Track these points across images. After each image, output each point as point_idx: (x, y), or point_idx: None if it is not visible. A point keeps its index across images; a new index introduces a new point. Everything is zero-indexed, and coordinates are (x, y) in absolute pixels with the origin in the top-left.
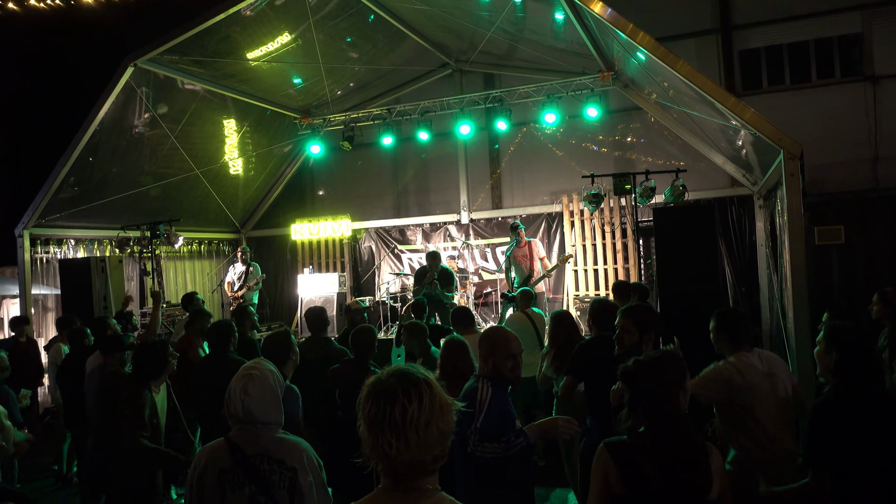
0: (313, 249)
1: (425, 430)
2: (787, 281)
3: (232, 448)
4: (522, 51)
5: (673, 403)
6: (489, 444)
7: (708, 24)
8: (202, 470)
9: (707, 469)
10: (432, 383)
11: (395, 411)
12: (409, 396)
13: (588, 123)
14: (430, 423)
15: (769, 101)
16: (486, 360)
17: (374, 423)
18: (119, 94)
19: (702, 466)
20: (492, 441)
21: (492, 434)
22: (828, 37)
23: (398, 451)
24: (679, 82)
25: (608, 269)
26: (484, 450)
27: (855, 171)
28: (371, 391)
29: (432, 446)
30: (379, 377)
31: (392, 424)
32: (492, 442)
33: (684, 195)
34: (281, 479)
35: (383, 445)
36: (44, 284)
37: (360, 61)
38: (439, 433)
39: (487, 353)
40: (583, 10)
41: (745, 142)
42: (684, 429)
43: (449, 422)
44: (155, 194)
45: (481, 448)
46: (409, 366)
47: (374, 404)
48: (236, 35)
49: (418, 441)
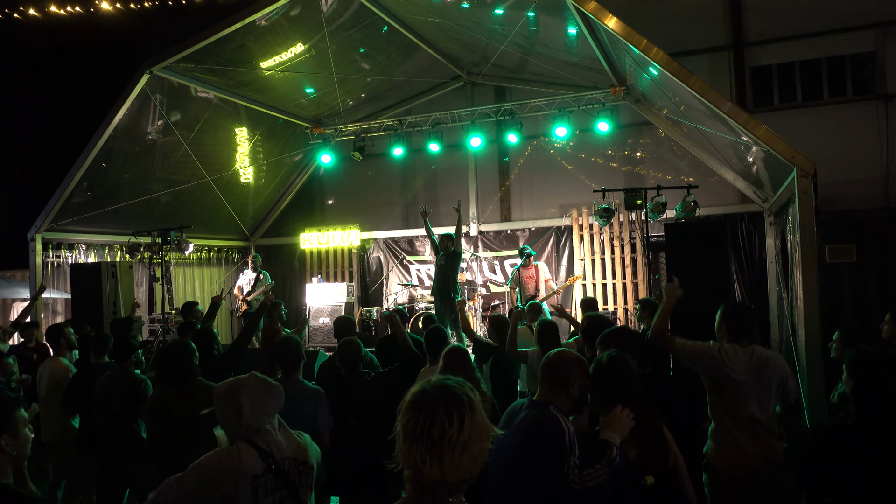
0: (322, 259)
1: (461, 453)
2: (797, 299)
3: (262, 454)
4: (534, 64)
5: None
6: (592, 470)
7: (720, 41)
8: (232, 476)
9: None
10: (476, 405)
11: (433, 429)
12: (451, 416)
13: (598, 138)
14: (466, 446)
15: (780, 119)
16: (572, 387)
17: (410, 435)
18: (134, 101)
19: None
20: (591, 465)
21: (588, 459)
22: (840, 55)
23: (429, 469)
24: (691, 98)
25: (616, 284)
26: (594, 477)
27: (867, 190)
28: (413, 402)
29: (463, 470)
30: (424, 388)
31: (429, 441)
32: (592, 465)
33: (695, 211)
34: (306, 479)
35: (415, 457)
36: (54, 289)
37: (372, 72)
38: (472, 459)
39: (577, 378)
40: (596, 25)
41: (755, 158)
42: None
43: (484, 449)
44: (166, 201)
45: (590, 477)
46: (456, 381)
47: (413, 416)
48: (251, 44)
49: (452, 463)
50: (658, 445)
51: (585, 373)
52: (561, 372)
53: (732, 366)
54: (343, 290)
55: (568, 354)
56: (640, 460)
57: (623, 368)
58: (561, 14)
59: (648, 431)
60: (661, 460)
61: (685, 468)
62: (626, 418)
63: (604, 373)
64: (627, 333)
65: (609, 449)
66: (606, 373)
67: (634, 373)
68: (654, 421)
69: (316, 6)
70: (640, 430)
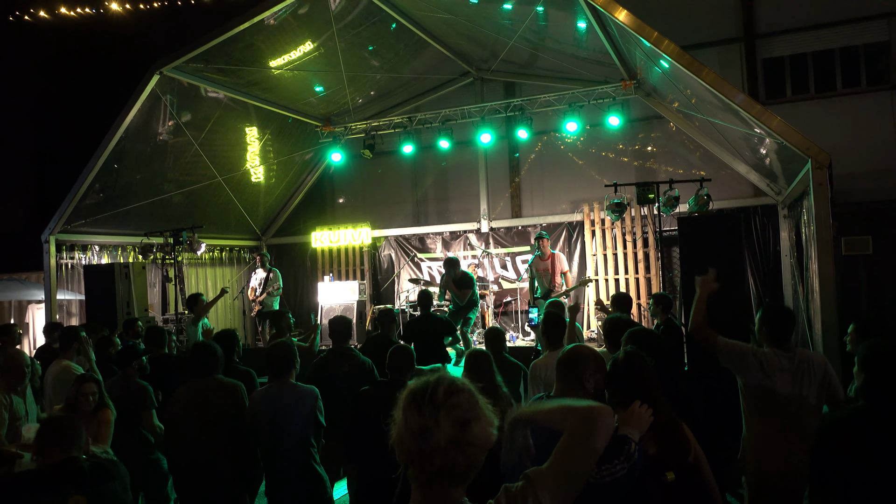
0: (333, 257)
1: (462, 428)
2: (813, 292)
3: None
4: (544, 59)
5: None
6: (609, 465)
7: (732, 33)
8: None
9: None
10: (474, 391)
11: (437, 392)
12: (455, 386)
13: (608, 132)
14: (469, 421)
15: (793, 110)
16: (587, 381)
17: (411, 403)
18: (144, 102)
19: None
20: (609, 460)
21: (605, 454)
22: (853, 45)
23: (432, 438)
24: (703, 90)
25: (629, 279)
26: (612, 472)
27: (881, 181)
28: (412, 390)
29: (464, 446)
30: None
31: (432, 404)
32: (610, 461)
33: (709, 205)
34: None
35: (413, 428)
36: (68, 290)
37: (381, 70)
38: (474, 438)
39: (592, 373)
40: (606, 18)
41: (769, 150)
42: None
43: (488, 435)
44: (177, 201)
45: (608, 473)
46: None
47: (414, 395)
48: (260, 43)
49: (452, 435)
50: (677, 441)
51: (601, 368)
52: (575, 367)
53: (774, 377)
54: (355, 289)
55: (583, 349)
56: (659, 456)
57: (640, 364)
58: (570, 8)
59: (667, 427)
60: (681, 456)
61: (707, 463)
62: (644, 414)
63: (621, 369)
64: (646, 333)
65: (627, 444)
66: (623, 369)
67: (651, 369)
68: (672, 417)
69: (324, 4)
70: (658, 426)
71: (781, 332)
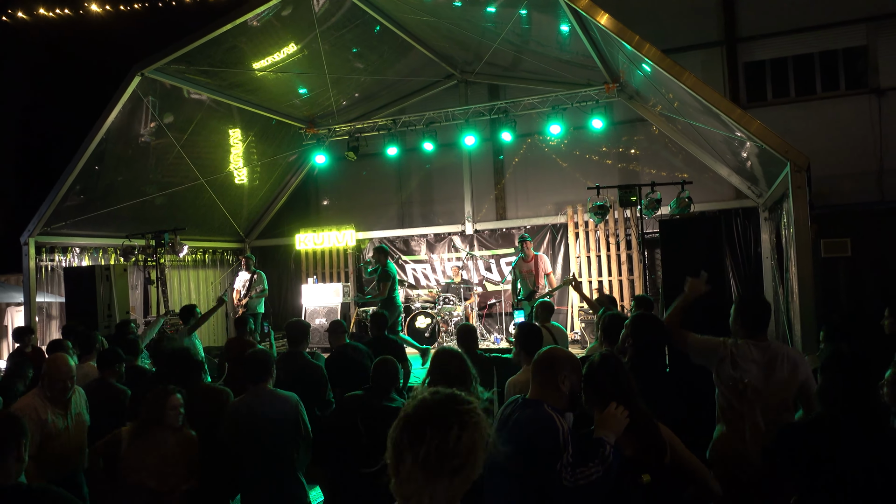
0: (317, 259)
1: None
2: (793, 294)
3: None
4: (527, 62)
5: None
6: (585, 468)
7: (713, 37)
8: None
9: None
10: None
11: (432, 443)
12: (448, 429)
13: (592, 135)
14: (462, 469)
15: (774, 114)
16: (563, 384)
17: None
18: (126, 103)
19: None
20: (585, 463)
21: (581, 457)
22: (833, 49)
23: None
24: (685, 94)
25: (612, 281)
26: (586, 475)
27: (860, 184)
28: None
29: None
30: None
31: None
32: (585, 464)
33: (690, 207)
34: None
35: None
36: (48, 292)
37: (365, 72)
38: (467, 481)
39: (567, 374)
40: (588, 22)
41: (750, 153)
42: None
43: (479, 465)
44: (160, 203)
45: (582, 476)
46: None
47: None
48: (243, 45)
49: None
50: (654, 443)
51: (576, 370)
52: (550, 369)
53: (742, 365)
54: (339, 291)
55: (558, 351)
56: (636, 458)
57: (615, 366)
58: (553, 11)
59: (644, 429)
60: (657, 458)
61: (689, 453)
62: (620, 416)
63: (597, 371)
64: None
65: (603, 447)
66: (599, 370)
67: (627, 371)
68: (649, 418)
69: (307, 6)
70: (635, 427)
71: (754, 322)
